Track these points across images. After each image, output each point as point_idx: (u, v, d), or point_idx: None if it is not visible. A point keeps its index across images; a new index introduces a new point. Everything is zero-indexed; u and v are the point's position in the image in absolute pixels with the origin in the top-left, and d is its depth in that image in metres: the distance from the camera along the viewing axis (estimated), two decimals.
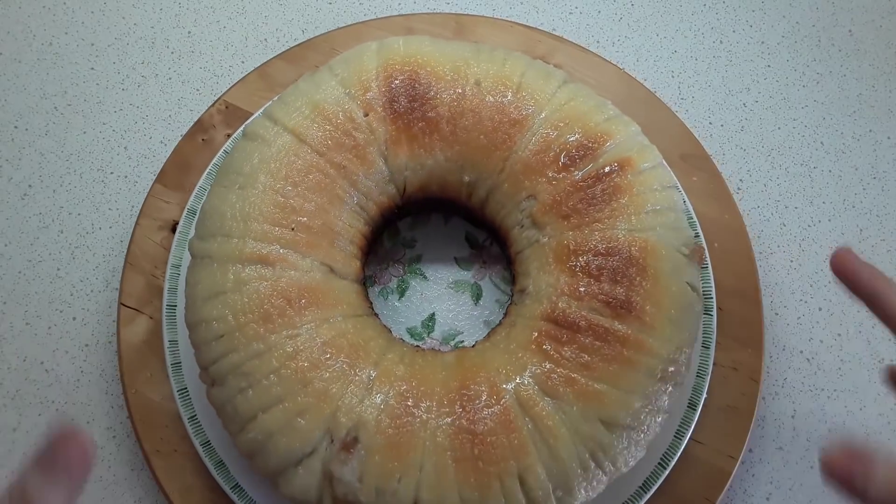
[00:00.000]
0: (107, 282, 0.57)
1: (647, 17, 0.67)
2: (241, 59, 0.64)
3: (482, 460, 0.38)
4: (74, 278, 0.57)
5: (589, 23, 0.66)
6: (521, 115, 0.46)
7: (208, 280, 0.42)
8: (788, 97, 0.64)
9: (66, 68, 0.64)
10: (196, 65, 0.64)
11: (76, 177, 0.60)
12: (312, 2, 0.67)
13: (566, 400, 0.39)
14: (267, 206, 0.43)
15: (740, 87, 0.64)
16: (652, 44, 0.66)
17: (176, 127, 0.62)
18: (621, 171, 0.44)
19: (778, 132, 0.63)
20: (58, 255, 0.58)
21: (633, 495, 0.47)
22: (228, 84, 0.63)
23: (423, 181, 0.48)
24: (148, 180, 0.60)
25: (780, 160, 0.62)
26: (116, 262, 0.58)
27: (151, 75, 0.64)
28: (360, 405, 0.39)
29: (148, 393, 0.51)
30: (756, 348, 0.52)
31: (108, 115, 0.63)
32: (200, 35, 0.66)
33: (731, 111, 0.63)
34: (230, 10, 0.67)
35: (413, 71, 0.46)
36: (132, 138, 0.62)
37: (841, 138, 0.63)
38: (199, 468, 0.49)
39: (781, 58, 0.65)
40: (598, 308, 0.41)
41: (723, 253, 0.55)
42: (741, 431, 0.50)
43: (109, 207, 0.59)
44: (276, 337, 0.40)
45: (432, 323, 0.53)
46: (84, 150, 0.61)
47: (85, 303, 0.56)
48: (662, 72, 0.64)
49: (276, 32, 0.66)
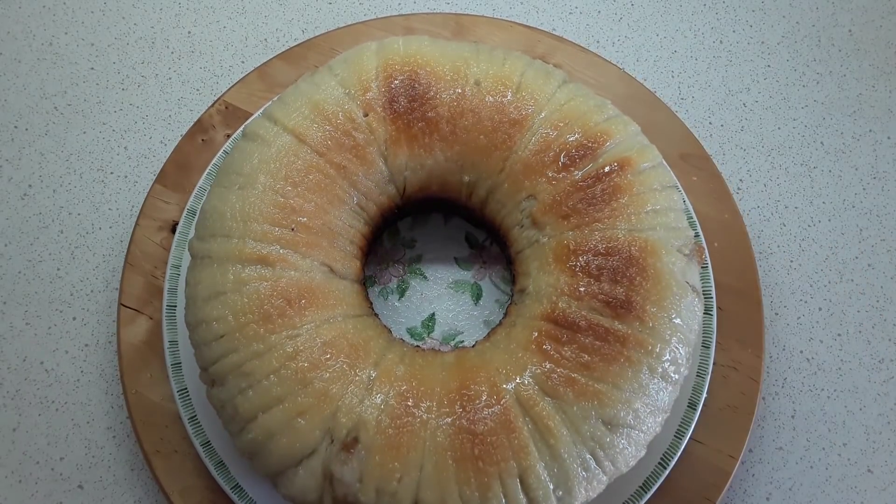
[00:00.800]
0: (107, 282, 0.57)
1: (647, 17, 0.67)
2: (241, 59, 0.64)
3: (482, 460, 0.38)
4: (74, 278, 0.57)
5: (589, 23, 0.66)
6: (520, 115, 0.46)
7: (208, 280, 0.42)
8: (788, 97, 0.64)
9: (66, 68, 0.64)
10: (196, 65, 0.64)
11: (76, 177, 0.60)
12: (312, 2, 0.67)
13: (566, 400, 0.39)
14: (267, 206, 0.43)
15: (740, 87, 0.64)
16: (652, 44, 0.66)
17: (176, 127, 0.62)
18: (621, 171, 0.44)
19: (778, 132, 0.63)
20: (58, 255, 0.58)
21: (634, 495, 0.47)
22: (228, 84, 0.63)
23: (423, 181, 0.48)
24: (148, 180, 0.60)
25: (780, 160, 0.62)
26: (116, 262, 0.58)
27: (151, 75, 0.64)
28: (361, 405, 0.39)
29: (148, 394, 0.51)
30: (756, 348, 0.52)
31: (107, 114, 0.63)
32: (200, 35, 0.66)
33: (731, 111, 0.63)
34: (230, 10, 0.67)
35: (413, 71, 0.46)
36: (132, 138, 0.62)
37: (841, 138, 0.63)
38: (199, 468, 0.49)
39: (781, 58, 0.65)
40: (598, 308, 0.41)
41: (723, 253, 0.55)
42: (741, 431, 0.50)
43: (109, 207, 0.59)
44: (277, 337, 0.40)
45: (432, 323, 0.53)
46: (84, 150, 0.61)
47: (85, 303, 0.56)
48: (662, 72, 0.64)
49: (276, 32, 0.66)
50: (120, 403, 0.54)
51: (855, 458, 0.53)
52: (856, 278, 0.58)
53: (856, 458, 0.53)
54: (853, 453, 0.53)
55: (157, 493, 0.51)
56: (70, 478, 0.52)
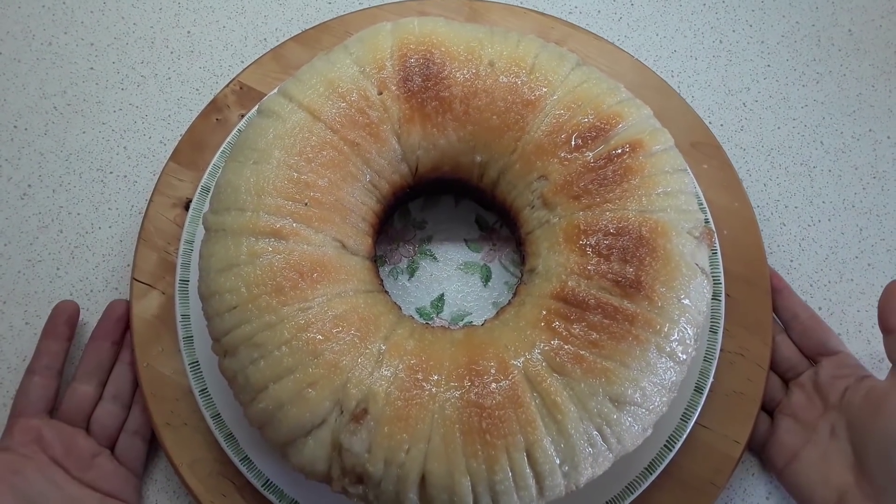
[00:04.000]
0: (106, 282, 0.57)
1: (647, 17, 0.67)
2: (241, 59, 0.64)
3: (490, 433, 0.38)
4: (74, 278, 0.57)
5: (589, 23, 0.66)
6: (533, 96, 0.46)
7: (222, 252, 0.42)
8: (788, 97, 0.64)
9: (66, 68, 0.64)
10: (196, 65, 0.64)
11: (76, 177, 0.60)
12: (312, 1, 0.67)
13: (574, 376, 0.40)
14: (281, 180, 0.43)
15: (740, 86, 0.64)
16: (651, 43, 0.66)
17: (175, 127, 0.62)
18: (633, 153, 0.44)
19: (778, 132, 0.63)
20: (58, 255, 0.58)
21: (639, 476, 0.47)
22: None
23: (436, 161, 0.48)
24: (148, 180, 0.60)
25: (780, 160, 0.62)
26: (116, 261, 0.58)
27: (151, 75, 0.64)
28: (370, 377, 0.40)
29: (159, 367, 0.51)
30: (764, 335, 0.52)
31: (107, 114, 0.63)
32: (200, 35, 0.65)
33: (731, 111, 0.63)
34: (230, 10, 0.66)
35: (427, 50, 0.46)
36: (132, 138, 0.62)
37: (841, 138, 0.62)
38: (208, 442, 0.50)
39: (781, 57, 0.65)
40: (607, 287, 0.42)
41: (732, 241, 0.55)
42: (747, 417, 0.50)
43: (109, 207, 0.60)
44: (288, 309, 0.41)
45: (441, 303, 0.54)
46: (84, 149, 0.61)
47: (85, 303, 0.56)
48: (662, 72, 0.64)
49: (275, 32, 0.65)
50: None
51: None
52: (856, 278, 0.58)
53: None
54: None
55: (156, 493, 0.51)
56: None
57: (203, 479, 0.49)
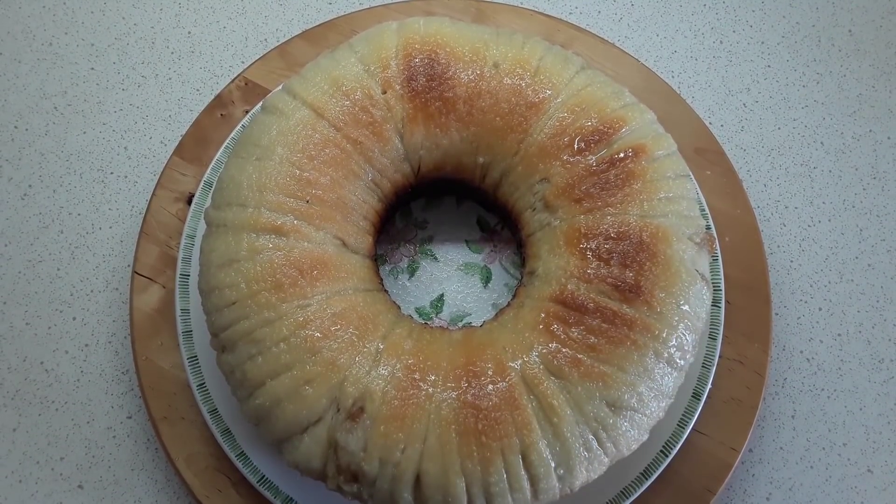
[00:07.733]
0: (107, 282, 0.57)
1: (647, 18, 0.67)
2: (241, 60, 0.64)
3: (486, 435, 0.38)
4: (74, 278, 0.57)
5: (589, 23, 0.66)
6: (537, 99, 0.46)
7: (223, 248, 0.42)
8: (788, 97, 0.64)
9: (66, 68, 0.64)
10: (196, 65, 0.64)
11: (76, 177, 0.60)
12: (312, 1, 0.67)
13: (571, 380, 0.40)
14: (283, 177, 0.43)
15: (740, 87, 0.64)
16: (652, 44, 0.66)
17: (176, 127, 0.62)
18: (635, 158, 0.44)
19: (778, 132, 0.63)
20: (58, 255, 0.58)
21: (635, 481, 0.47)
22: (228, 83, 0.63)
23: (438, 161, 0.48)
24: (148, 180, 0.60)
25: (780, 160, 0.62)
26: (116, 261, 0.58)
27: (151, 75, 0.64)
28: (368, 376, 0.40)
29: (158, 361, 0.52)
30: (763, 343, 0.52)
31: (108, 115, 0.62)
32: (200, 35, 0.65)
33: (731, 111, 0.63)
34: (230, 10, 0.66)
35: (432, 50, 0.46)
36: (132, 138, 0.62)
37: (841, 138, 0.62)
38: (205, 436, 0.50)
39: (781, 58, 0.65)
40: (606, 291, 0.42)
41: (733, 248, 0.55)
42: (744, 424, 0.50)
43: (109, 207, 0.59)
44: (287, 306, 0.41)
45: (441, 304, 0.54)
46: (84, 150, 0.61)
47: (85, 303, 0.56)
48: (662, 72, 0.64)
49: (276, 32, 0.65)
50: (120, 403, 0.54)
51: (855, 459, 0.53)
52: (856, 278, 0.58)
53: (856, 458, 0.53)
54: (853, 453, 0.53)
55: (156, 493, 0.51)
56: (70, 478, 0.52)
57: (199, 473, 0.49)
